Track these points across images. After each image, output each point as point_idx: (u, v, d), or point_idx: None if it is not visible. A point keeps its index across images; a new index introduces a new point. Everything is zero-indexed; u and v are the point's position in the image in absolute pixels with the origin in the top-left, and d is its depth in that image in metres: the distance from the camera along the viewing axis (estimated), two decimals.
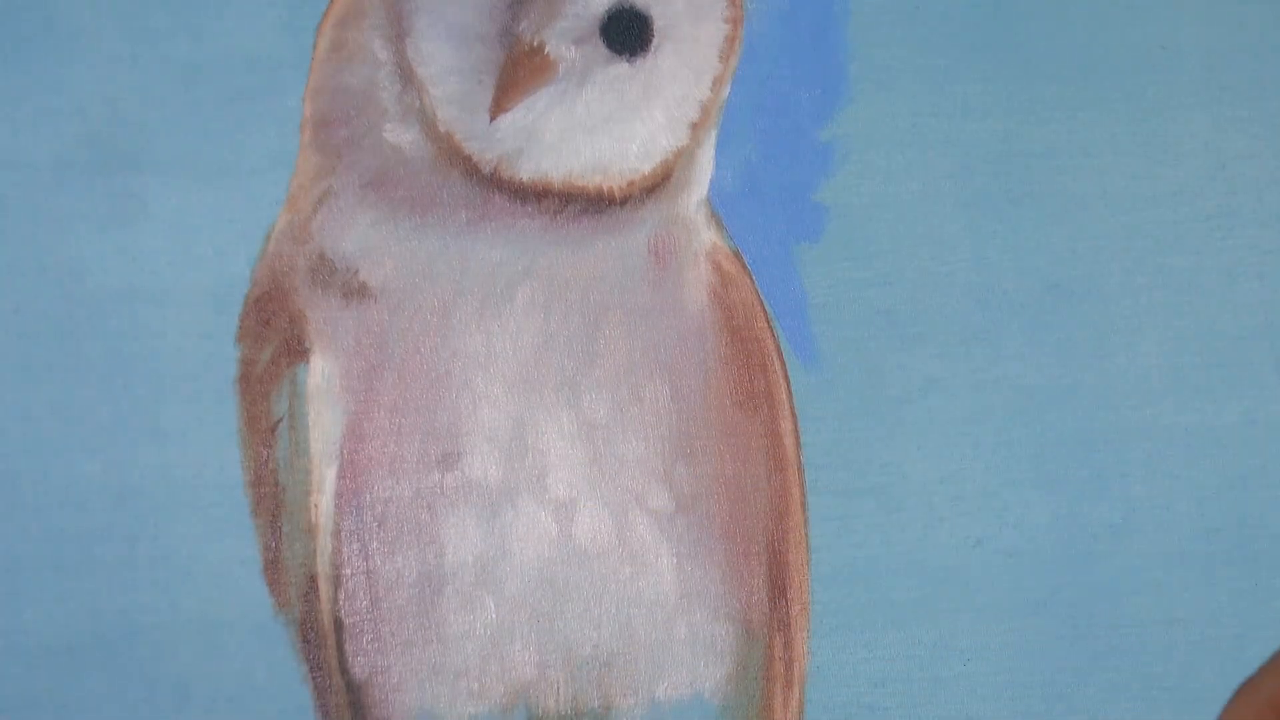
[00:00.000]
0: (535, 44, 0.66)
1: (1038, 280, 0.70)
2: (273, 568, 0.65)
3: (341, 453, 0.65)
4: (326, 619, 0.65)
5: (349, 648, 0.65)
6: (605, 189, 0.67)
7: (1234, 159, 0.71)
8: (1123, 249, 0.71)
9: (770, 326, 0.68)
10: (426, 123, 0.66)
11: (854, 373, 0.69)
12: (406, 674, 0.65)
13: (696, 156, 0.68)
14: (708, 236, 0.68)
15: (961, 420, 0.69)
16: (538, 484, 0.66)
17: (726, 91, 0.68)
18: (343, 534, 0.65)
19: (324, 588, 0.65)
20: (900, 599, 0.68)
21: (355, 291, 0.66)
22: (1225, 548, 0.69)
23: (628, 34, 0.66)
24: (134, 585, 0.64)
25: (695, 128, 0.68)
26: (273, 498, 0.65)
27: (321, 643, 0.65)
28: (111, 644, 0.63)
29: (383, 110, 0.66)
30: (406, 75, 0.66)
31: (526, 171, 0.66)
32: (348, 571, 0.65)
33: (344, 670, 0.65)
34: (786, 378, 0.68)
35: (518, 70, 0.66)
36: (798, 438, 0.68)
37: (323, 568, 0.65)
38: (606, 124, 0.67)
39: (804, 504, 0.68)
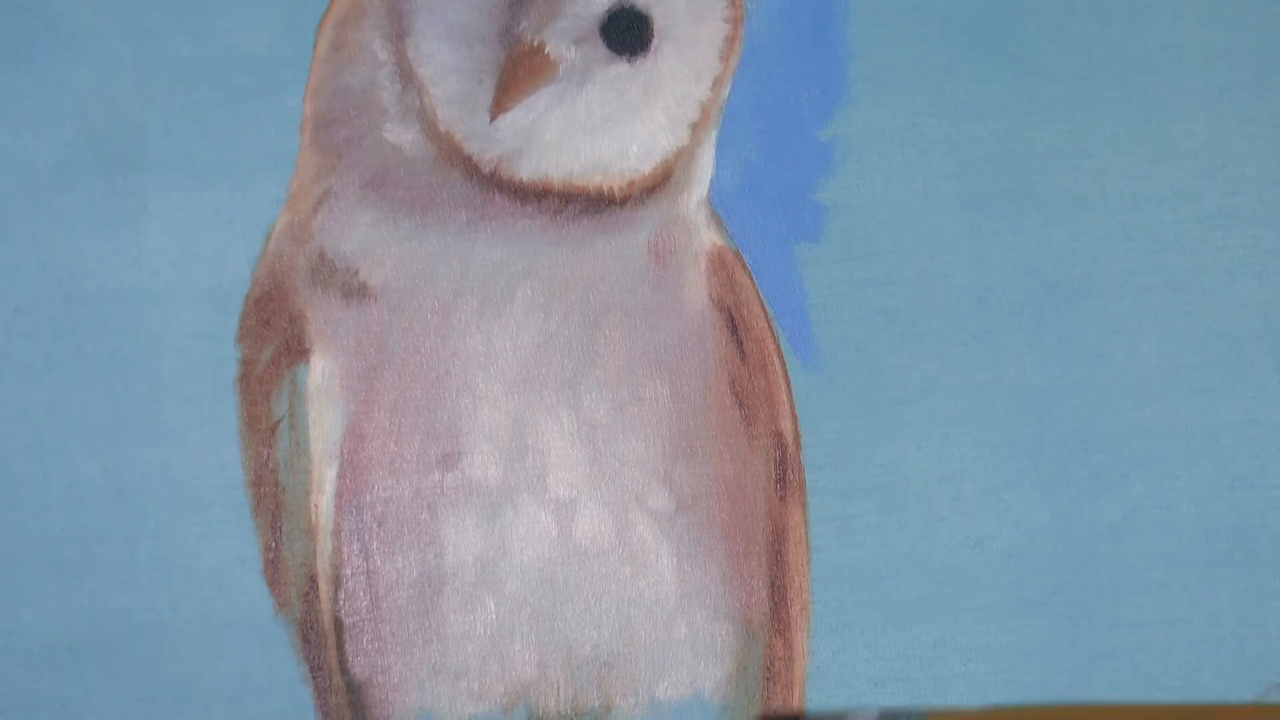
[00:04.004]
0: (535, 44, 0.66)
1: (1038, 280, 0.70)
2: (273, 568, 0.65)
3: (341, 453, 0.65)
4: (326, 619, 0.65)
5: (349, 648, 0.65)
6: (605, 189, 0.67)
7: (1234, 159, 0.71)
8: (1123, 249, 0.71)
9: (770, 326, 0.68)
10: (426, 123, 0.66)
11: (854, 373, 0.69)
12: (406, 674, 0.65)
13: (696, 156, 0.68)
14: (708, 236, 0.68)
15: (961, 420, 0.69)
16: (538, 484, 0.66)
17: (726, 91, 0.68)
18: (343, 534, 0.65)
19: (324, 588, 0.65)
20: (900, 599, 0.68)
21: (355, 291, 0.66)
22: (1225, 548, 0.69)
23: (628, 34, 0.66)
24: (134, 585, 0.64)
25: (695, 128, 0.68)
26: (273, 498, 0.65)
27: (321, 643, 0.65)
28: (111, 644, 0.63)
29: (383, 110, 0.66)
30: (406, 75, 0.66)
31: (526, 171, 0.66)
32: (348, 571, 0.65)
33: (344, 670, 0.65)
34: (786, 378, 0.68)
35: (518, 70, 0.66)
36: (798, 438, 0.68)
37: (323, 568, 0.65)
38: (606, 124, 0.67)
39: (804, 504, 0.68)
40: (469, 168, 0.66)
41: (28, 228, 0.65)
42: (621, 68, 0.67)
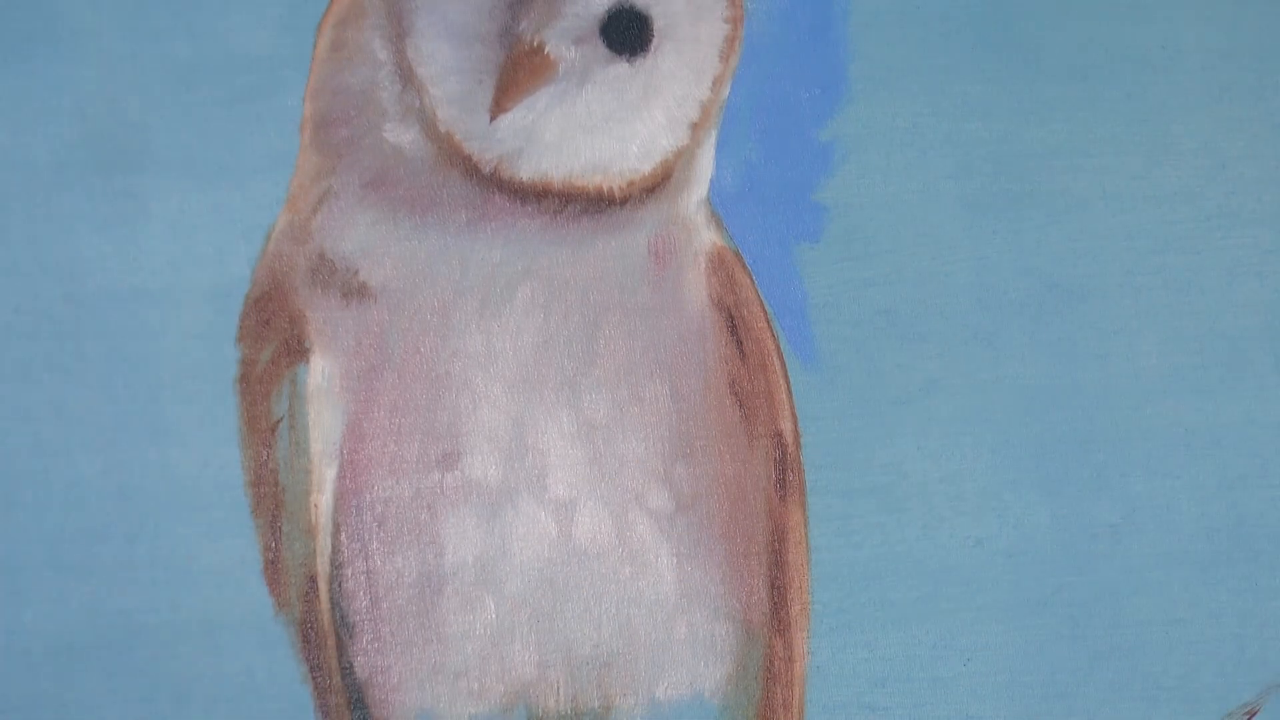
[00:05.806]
0: (535, 44, 0.66)
1: (1038, 280, 0.70)
2: (273, 568, 0.65)
3: (341, 453, 0.65)
4: (326, 619, 0.65)
5: (349, 648, 0.65)
6: (605, 189, 0.67)
7: (1234, 159, 0.71)
8: (1123, 249, 0.71)
9: (770, 326, 0.68)
10: (426, 123, 0.66)
11: (854, 373, 0.69)
12: (406, 674, 0.65)
13: (696, 156, 0.68)
14: (708, 236, 0.68)
15: (961, 420, 0.69)
16: (538, 484, 0.66)
17: (726, 91, 0.68)
18: (343, 534, 0.65)
19: (324, 588, 0.65)
20: (900, 599, 0.68)
21: (355, 291, 0.66)
22: (1225, 548, 0.69)
23: (628, 34, 0.66)
24: (134, 585, 0.64)
25: (695, 128, 0.68)
26: (273, 498, 0.65)
27: (321, 643, 0.65)
28: (111, 644, 0.63)
29: (383, 110, 0.66)
30: (406, 75, 0.66)
31: (526, 171, 0.66)
32: (348, 571, 0.65)
33: (344, 670, 0.65)
34: (786, 378, 0.68)
35: (518, 70, 0.66)
36: (798, 438, 0.68)
37: (323, 568, 0.65)
38: (606, 124, 0.67)
39: (804, 504, 0.68)
40: (469, 168, 0.66)
41: (28, 228, 0.65)
42: (621, 68, 0.66)
